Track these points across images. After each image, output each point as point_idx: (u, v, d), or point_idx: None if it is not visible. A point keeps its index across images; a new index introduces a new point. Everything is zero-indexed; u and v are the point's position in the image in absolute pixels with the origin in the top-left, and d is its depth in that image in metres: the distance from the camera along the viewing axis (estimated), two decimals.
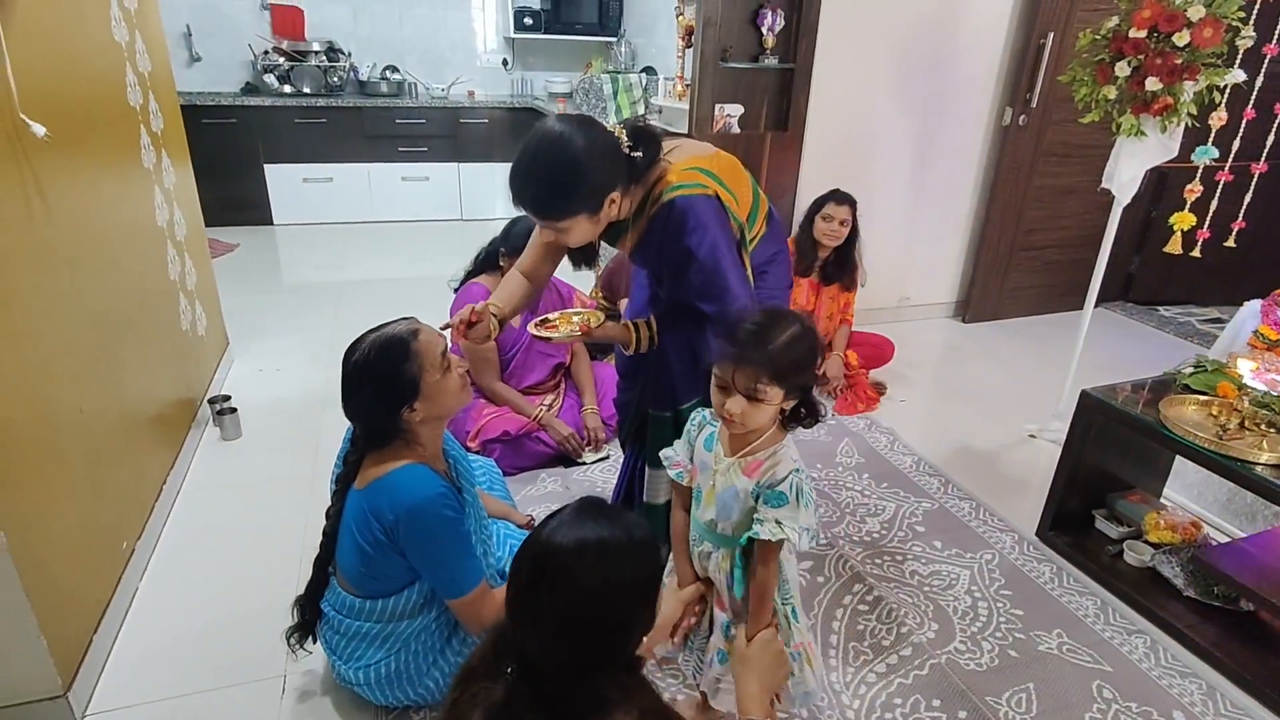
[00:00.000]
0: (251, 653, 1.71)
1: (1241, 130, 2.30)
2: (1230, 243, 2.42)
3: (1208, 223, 2.44)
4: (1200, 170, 2.40)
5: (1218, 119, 2.35)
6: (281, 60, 5.05)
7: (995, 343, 3.83)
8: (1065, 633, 1.90)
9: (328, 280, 4.37)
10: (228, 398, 2.64)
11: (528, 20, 5.40)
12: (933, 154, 3.69)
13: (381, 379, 1.39)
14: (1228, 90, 2.34)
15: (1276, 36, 2.27)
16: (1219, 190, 2.38)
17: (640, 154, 1.42)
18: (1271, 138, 2.28)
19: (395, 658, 1.46)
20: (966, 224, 3.94)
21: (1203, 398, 1.98)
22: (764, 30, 3.28)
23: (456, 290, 2.60)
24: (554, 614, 0.85)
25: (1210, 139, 2.36)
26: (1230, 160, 2.37)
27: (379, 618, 1.47)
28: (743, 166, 1.71)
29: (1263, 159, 2.34)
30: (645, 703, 0.90)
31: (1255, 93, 2.26)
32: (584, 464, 2.54)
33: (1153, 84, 2.30)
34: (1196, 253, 2.47)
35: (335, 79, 5.17)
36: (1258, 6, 2.21)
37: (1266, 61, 2.25)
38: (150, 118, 2.37)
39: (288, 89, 5.09)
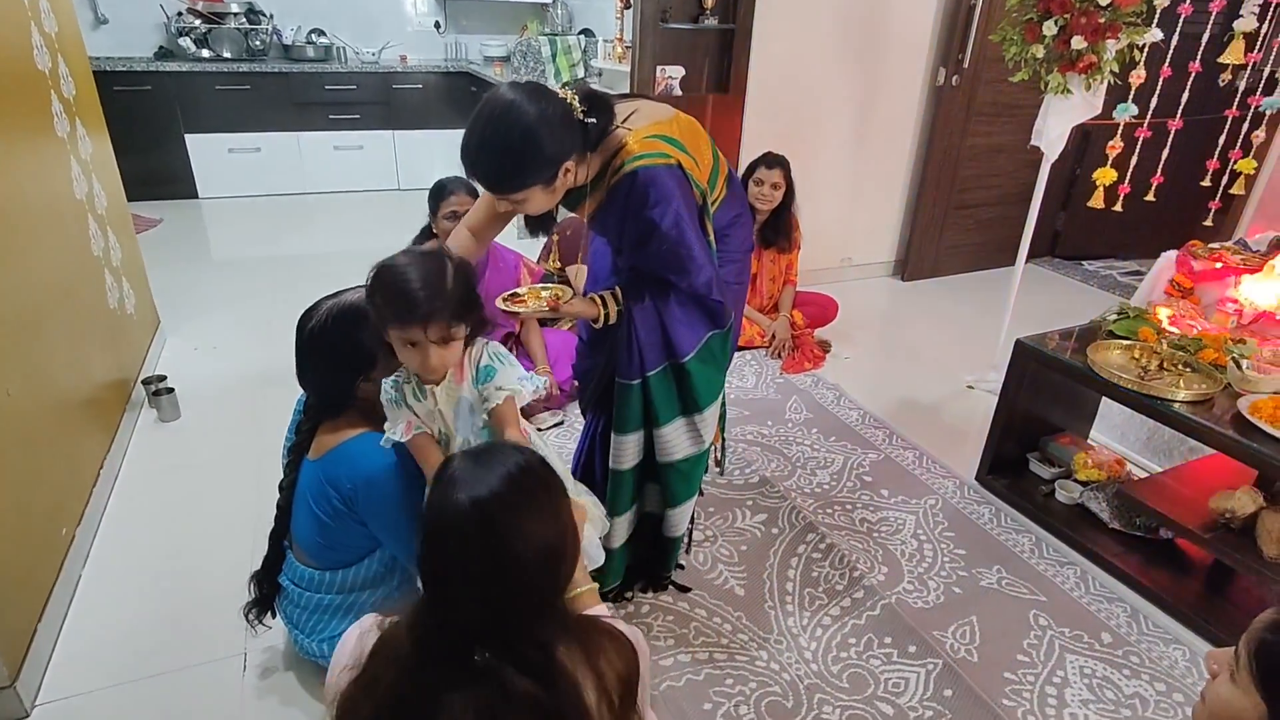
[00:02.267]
0: (208, 632, 1.68)
1: (1159, 88, 2.41)
2: (1150, 197, 2.55)
3: (1128, 178, 2.56)
4: (1121, 127, 2.51)
5: (1137, 77, 2.46)
6: (197, 22, 4.77)
7: (933, 299, 3.96)
8: (1004, 568, 2.02)
9: (262, 255, 4.20)
10: (163, 378, 2.54)
11: None
12: (871, 115, 3.75)
13: (337, 347, 1.36)
14: (1146, 49, 2.44)
15: None
16: (1139, 146, 2.50)
17: (594, 119, 1.38)
18: (1186, 95, 2.40)
19: None
20: (904, 184, 4.04)
21: (1126, 342, 2.10)
22: None
23: None
24: (486, 575, 0.82)
25: (1130, 96, 2.47)
26: (1149, 117, 2.49)
27: (339, 589, 1.47)
28: (702, 128, 1.68)
29: (1178, 115, 2.46)
30: (577, 627, 0.91)
31: (1171, 52, 2.36)
32: (540, 430, 2.53)
33: (1078, 42, 2.38)
34: (1118, 207, 2.59)
35: (257, 43, 4.92)
36: None
37: (1181, 21, 2.36)
38: (60, 82, 2.23)
39: (206, 53, 4.83)
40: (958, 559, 2.05)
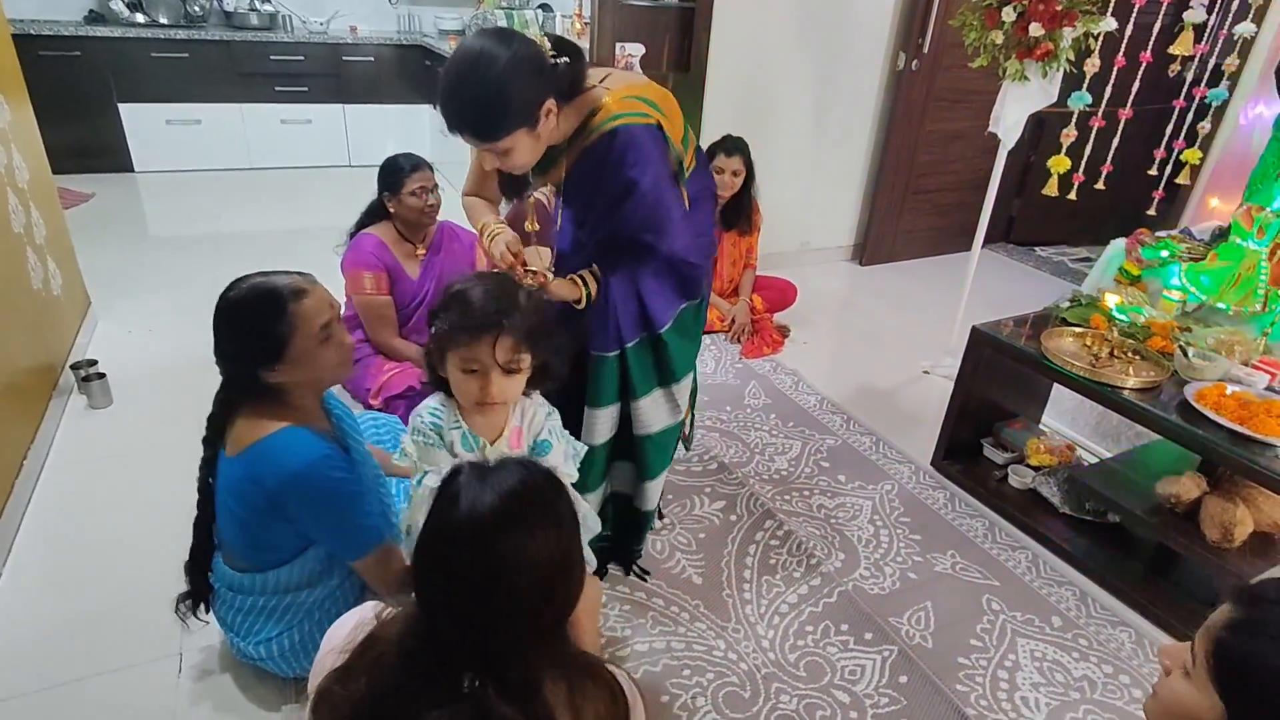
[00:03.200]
0: (141, 632, 1.59)
1: (1113, 78, 2.43)
2: (1099, 185, 2.58)
3: (1082, 166, 2.58)
4: (1075, 116, 2.53)
5: (1091, 66, 2.48)
6: None
7: (891, 284, 3.99)
8: (958, 553, 2.04)
9: (203, 233, 4.02)
10: (94, 362, 2.41)
11: None
12: (832, 98, 3.73)
13: (245, 331, 1.27)
14: (1101, 38, 2.46)
15: None
16: (1092, 135, 2.53)
17: (565, 59, 1.34)
18: (1137, 84, 2.42)
19: (297, 629, 1.39)
20: (863, 168, 4.04)
21: (1078, 329, 2.12)
22: None
23: (349, 241, 2.44)
24: (479, 594, 0.77)
25: (1085, 85, 2.49)
26: (1103, 106, 2.51)
27: (274, 590, 1.39)
28: (673, 97, 1.62)
29: (1128, 105, 2.49)
30: (569, 663, 0.86)
31: (1125, 41, 2.38)
32: None
33: (1035, 29, 2.39)
34: (1072, 195, 2.62)
35: (196, 8, 4.68)
36: None
37: (1135, 11, 2.37)
38: None
39: (140, 18, 4.58)
40: (913, 544, 2.06)
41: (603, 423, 1.62)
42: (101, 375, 2.34)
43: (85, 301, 2.80)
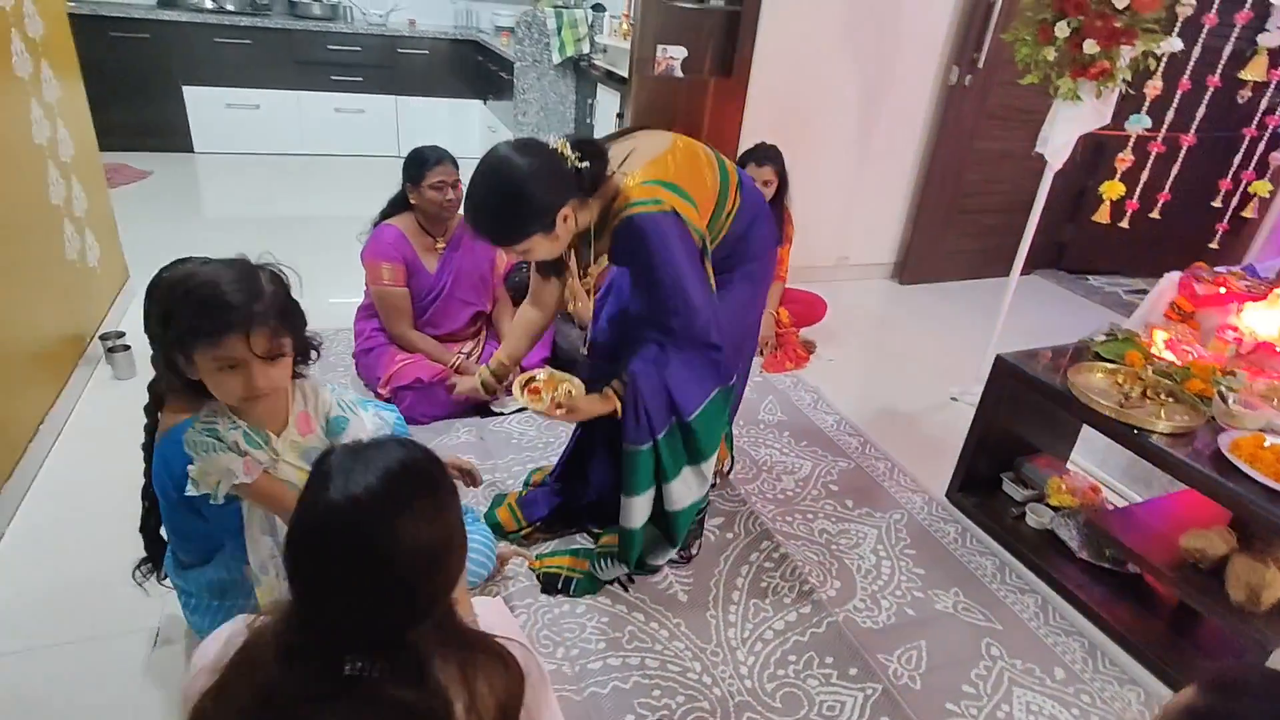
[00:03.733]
0: (126, 602, 1.61)
1: (1176, 101, 2.29)
2: (1155, 214, 2.44)
3: (1137, 193, 2.44)
4: (1133, 139, 2.39)
5: (1153, 89, 2.34)
6: None
7: (929, 305, 3.85)
8: (962, 591, 1.94)
9: (252, 215, 4.14)
10: (121, 334, 2.48)
11: None
12: (878, 110, 3.63)
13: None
14: (1165, 59, 2.32)
15: (1216, 6, 2.25)
16: (1150, 161, 2.39)
17: (587, 164, 1.44)
18: (1202, 110, 2.28)
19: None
20: (908, 184, 3.91)
21: (1110, 365, 2.00)
22: None
23: (372, 230, 2.46)
24: (357, 577, 0.75)
25: (1144, 108, 2.35)
26: (1163, 131, 2.37)
27: (205, 590, 1.37)
28: (704, 148, 1.70)
29: (1192, 131, 2.34)
30: (458, 640, 0.84)
31: (1191, 64, 2.24)
32: (501, 414, 2.47)
33: (1090, 47, 2.26)
34: (1124, 223, 2.48)
35: None
36: None
37: (1204, 32, 2.22)
38: (25, 21, 2.15)
39: (209, 3, 4.74)
40: (915, 578, 1.97)
41: (640, 508, 1.67)
42: (127, 347, 2.41)
43: (124, 275, 2.89)
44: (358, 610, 0.76)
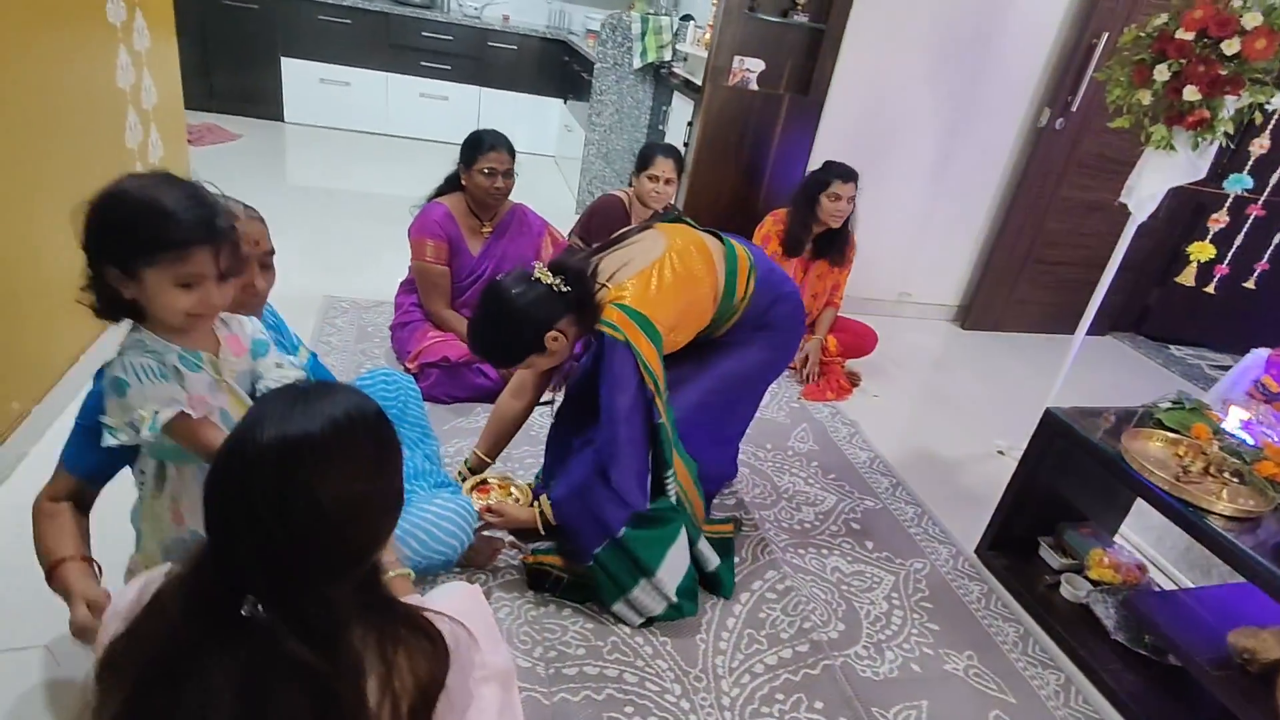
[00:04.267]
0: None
1: None
2: (1249, 284, 2.24)
3: (1229, 258, 2.26)
4: (1230, 200, 2.21)
5: (1259, 145, 2.16)
6: None
7: (989, 353, 3.67)
8: (977, 655, 1.80)
9: (329, 186, 4.26)
10: None
11: None
12: (959, 145, 3.48)
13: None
14: (1275, 116, 2.14)
15: None
16: (1248, 224, 2.20)
17: (570, 289, 1.56)
18: None
19: None
20: (982, 226, 3.75)
21: (1172, 435, 1.83)
22: None
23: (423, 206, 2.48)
24: (275, 520, 0.72)
25: (1247, 167, 2.17)
26: (1265, 194, 2.18)
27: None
28: (710, 245, 1.76)
29: None
30: (380, 608, 0.80)
31: None
32: None
33: (1190, 93, 2.10)
34: (1210, 289, 2.29)
35: None
36: None
37: None
38: None
39: None
40: (927, 633, 1.84)
41: (625, 612, 1.67)
42: None
43: None
44: (269, 556, 0.72)
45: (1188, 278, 2.33)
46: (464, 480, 1.89)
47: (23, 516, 1.24)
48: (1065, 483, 2.10)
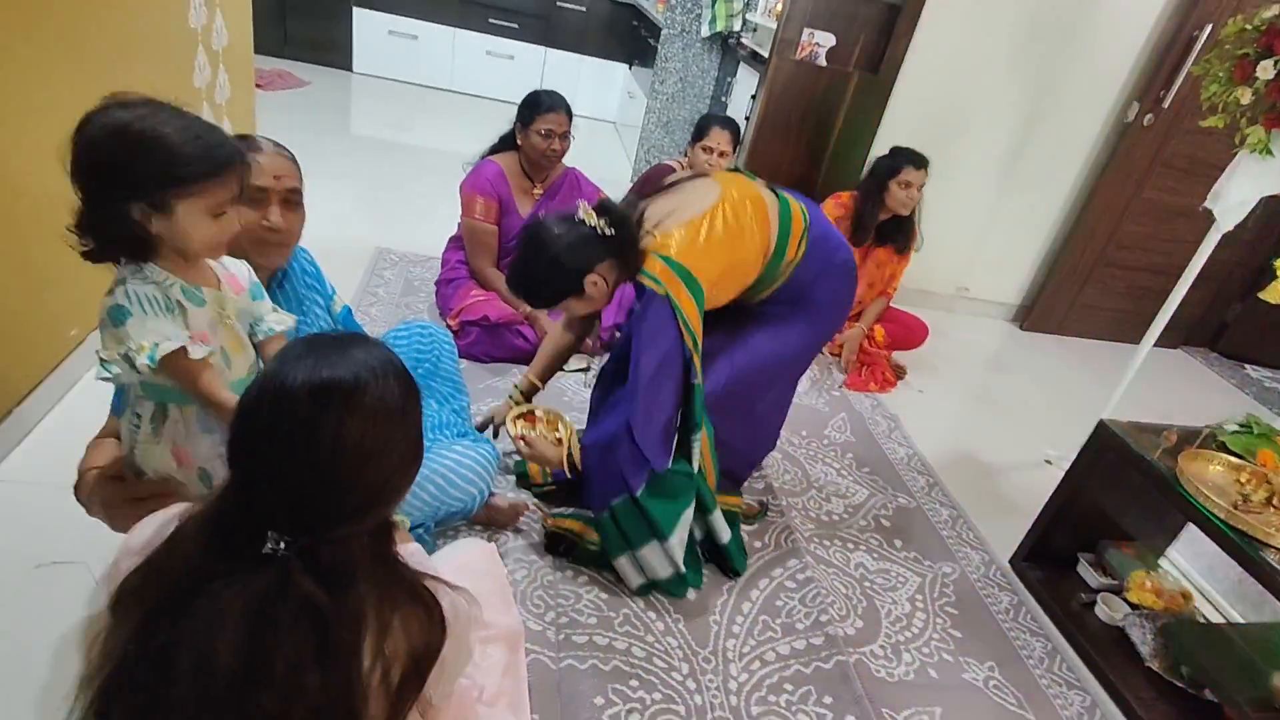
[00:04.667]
0: None
1: None
2: None
3: None
4: None
5: None
6: None
7: (1048, 358, 3.52)
8: (999, 667, 1.74)
9: (390, 139, 4.30)
10: None
11: None
12: (1036, 136, 3.31)
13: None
14: None
15: None
16: None
17: (614, 230, 1.54)
18: None
19: None
20: (1053, 223, 3.57)
21: (1235, 460, 1.73)
22: None
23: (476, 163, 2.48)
24: (300, 459, 0.74)
25: None
26: None
27: None
28: (766, 197, 1.69)
29: None
30: (384, 566, 0.81)
31: None
32: (562, 370, 2.43)
33: None
34: None
35: None
36: None
37: None
38: None
39: None
40: (949, 639, 1.78)
41: (627, 569, 1.65)
42: None
43: None
44: (294, 489, 0.75)
45: (1273, 294, 2.17)
46: (514, 405, 1.88)
47: (78, 436, 1.28)
48: (1112, 499, 2.00)
